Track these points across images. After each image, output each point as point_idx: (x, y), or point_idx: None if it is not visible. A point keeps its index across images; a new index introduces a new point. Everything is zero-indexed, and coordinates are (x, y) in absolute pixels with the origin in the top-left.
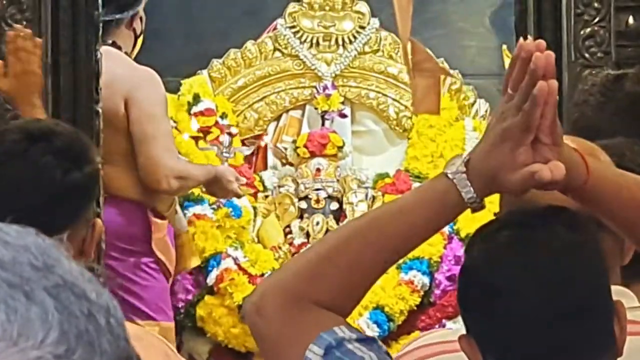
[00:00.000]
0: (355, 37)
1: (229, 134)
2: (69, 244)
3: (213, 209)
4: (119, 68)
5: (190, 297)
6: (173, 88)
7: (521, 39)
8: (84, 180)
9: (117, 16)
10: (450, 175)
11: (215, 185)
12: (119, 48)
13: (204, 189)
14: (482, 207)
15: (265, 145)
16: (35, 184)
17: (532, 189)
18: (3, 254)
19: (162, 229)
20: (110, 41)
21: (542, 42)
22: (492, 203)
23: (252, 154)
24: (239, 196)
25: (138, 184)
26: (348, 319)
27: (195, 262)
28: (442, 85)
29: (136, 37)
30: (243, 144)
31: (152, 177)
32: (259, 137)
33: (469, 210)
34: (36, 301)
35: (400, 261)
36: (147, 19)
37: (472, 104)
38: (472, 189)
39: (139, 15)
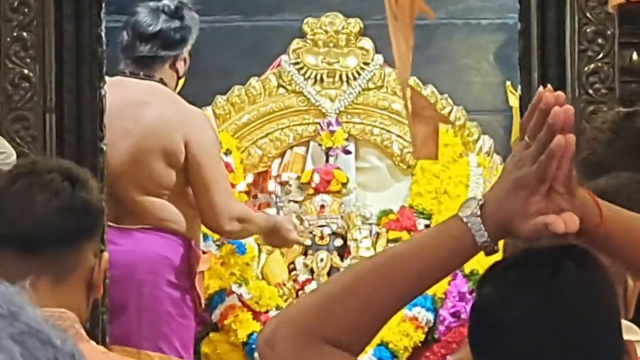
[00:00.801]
0: (359, 74)
1: (281, 183)
2: (31, 290)
3: (217, 245)
4: (173, 107)
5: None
6: None
7: (541, 88)
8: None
9: (161, 54)
10: (464, 219)
11: (274, 235)
12: (165, 85)
13: (261, 240)
14: (496, 250)
15: (268, 182)
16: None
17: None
18: None
19: (205, 263)
20: (157, 78)
21: (561, 95)
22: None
23: (257, 190)
24: (298, 244)
25: (184, 217)
26: None
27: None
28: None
29: (178, 78)
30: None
31: (215, 221)
32: (264, 173)
33: None
34: (2, 348)
35: None
36: None
37: (476, 140)
38: (486, 233)
39: (183, 57)
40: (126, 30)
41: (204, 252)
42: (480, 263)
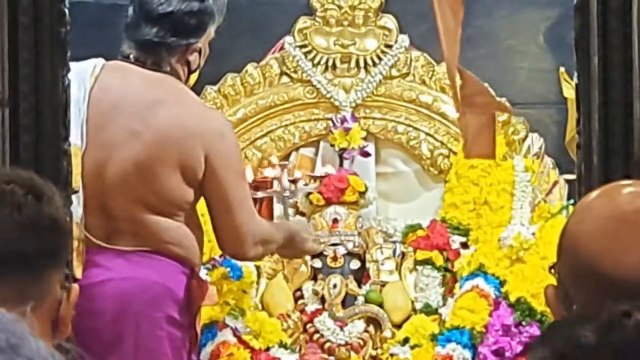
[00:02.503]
0: (380, 59)
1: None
2: (32, 317)
3: (207, 268)
4: (191, 109)
5: None
6: None
7: None
8: (49, 239)
9: (169, 40)
10: None
11: (289, 246)
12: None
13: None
14: None
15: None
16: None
17: None
18: None
19: (212, 296)
20: (167, 69)
21: None
22: (546, 259)
23: (256, 201)
24: (315, 252)
25: (190, 241)
26: None
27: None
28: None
29: (189, 72)
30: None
31: (238, 247)
32: (264, 180)
33: (519, 269)
34: None
35: (437, 331)
36: None
37: (523, 139)
38: None
39: (198, 47)
40: (132, 5)
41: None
42: (529, 290)
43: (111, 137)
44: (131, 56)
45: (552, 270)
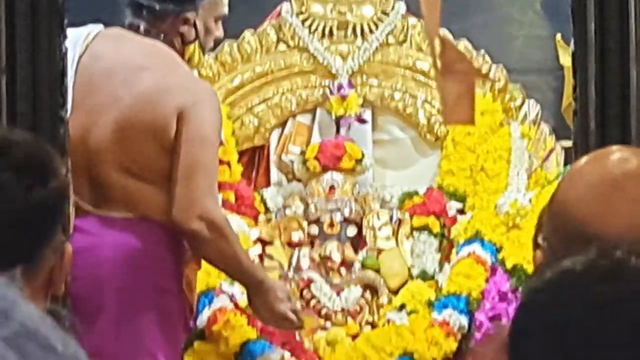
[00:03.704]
0: (376, 26)
1: (299, 244)
2: (26, 279)
3: None
4: (174, 74)
5: None
6: None
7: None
8: (50, 198)
9: (158, 7)
10: None
11: (260, 298)
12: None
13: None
14: None
15: (268, 157)
16: None
17: None
18: None
19: (198, 264)
20: (160, 36)
21: None
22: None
23: (253, 168)
24: (291, 326)
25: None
26: None
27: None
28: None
29: (183, 44)
30: (240, 155)
31: (181, 212)
32: (259, 147)
33: (516, 236)
34: None
35: (433, 298)
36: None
37: (520, 106)
38: None
39: (189, 20)
40: None
41: None
42: (525, 257)
43: (97, 103)
44: (126, 22)
45: (538, 238)
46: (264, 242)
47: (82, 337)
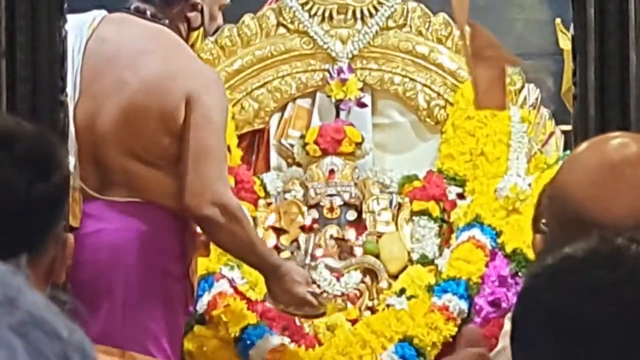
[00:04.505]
0: (376, 9)
1: (310, 228)
2: (29, 269)
3: None
4: (179, 58)
5: None
6: None
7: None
8: (52, 192)
9: None
10: None
11: (277, 283)
12: (179, 34)
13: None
14: None
15: (268, 141)
16: None
17: None
18: None
19: (206, 249)
20: (166, 21)
21: None
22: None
23: (252, 152)
24: (312, 309)
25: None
26: (370, 352)
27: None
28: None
29: (189, 30)
30: (239, 139)
31: (193, 198)
32: (259, 131)
33: (516, 220)
34: (1, 342)
35: (433, 282)
36: None
37: (520, 90)
38: None
39: (197, 5)
40: None
41: None
42: (525, 241)
43: (102, 88)
44: (132, 7)
45: (537, 222)
46: (278, 231)
47: (87, 322)
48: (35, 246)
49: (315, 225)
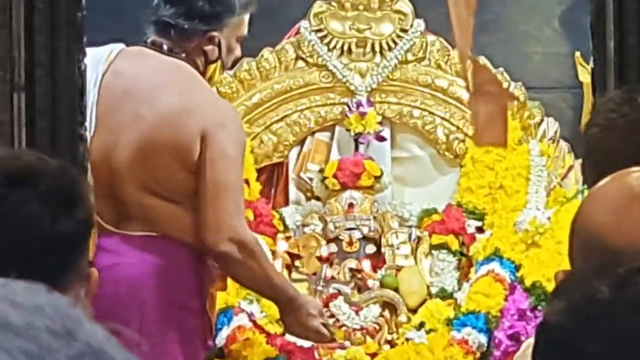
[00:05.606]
0: (395, 43)
1: (327, 259)
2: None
3: None
4: (195, 93)
5: None
6: None
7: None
8: (76, 227)
9: (183, 24)
10: None
11: (292, 315)
12: (196, 68)
13: (279, 319)
14: None
15: (286, 175)
16: (19, 238)
17: None
18: (14, 318)
19: (223, 283)
20: (183, 55)
21: None
22: (562, 243)
23: (271, 186)
24: (324, 339)
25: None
26: None
27: None
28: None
29: (207, 63)
30: (258, 172)
31: (210, 234)
32: (278, 165)
33: (535, 253)
34: None
35: (452, 316)
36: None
37: (539, 124)
38: None
39: (214, 39)
40: None
41: None
42: (544, 275)
43: (119, 122)
44: (149, 40)
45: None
46: (292, 256)
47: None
48: (60, 281)
49: (335, 260)
